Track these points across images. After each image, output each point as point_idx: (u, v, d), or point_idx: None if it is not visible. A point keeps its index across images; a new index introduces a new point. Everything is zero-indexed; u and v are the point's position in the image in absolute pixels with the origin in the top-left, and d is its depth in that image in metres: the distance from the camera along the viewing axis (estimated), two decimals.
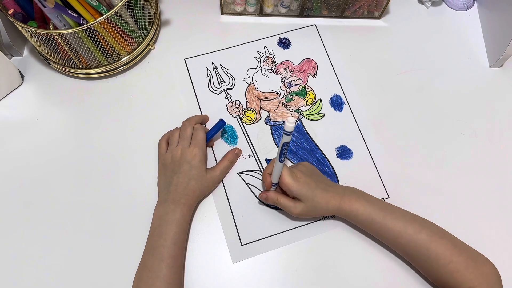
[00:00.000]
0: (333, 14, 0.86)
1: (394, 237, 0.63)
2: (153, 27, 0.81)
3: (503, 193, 0.73)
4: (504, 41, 0.78)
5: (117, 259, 0.65)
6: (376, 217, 0.63)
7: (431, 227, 0.63)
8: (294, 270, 0.67)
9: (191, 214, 0.67)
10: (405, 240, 0.62)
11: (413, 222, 0.63)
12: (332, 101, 0.79)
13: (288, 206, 0.66)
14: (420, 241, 0.61)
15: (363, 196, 0.66)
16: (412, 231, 0.62)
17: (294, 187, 0.63)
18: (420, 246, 0.61)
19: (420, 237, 0.61)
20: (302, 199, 0.64)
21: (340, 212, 0.66)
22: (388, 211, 0.64)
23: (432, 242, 0.61)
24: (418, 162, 0.75)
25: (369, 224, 0.65)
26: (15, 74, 0.78)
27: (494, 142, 0.77)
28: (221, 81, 0.80)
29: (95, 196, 0.72)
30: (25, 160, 0.74)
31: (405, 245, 0.63)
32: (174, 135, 0.71)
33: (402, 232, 0.62)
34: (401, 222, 0.63)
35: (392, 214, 0.63)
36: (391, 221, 0.63)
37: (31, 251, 0.68)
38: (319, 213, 0.67)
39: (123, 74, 0.81)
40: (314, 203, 0.64)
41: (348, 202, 0.65)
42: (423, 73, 0.83)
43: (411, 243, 0.62)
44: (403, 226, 0.62)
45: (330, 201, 0.65)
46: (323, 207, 0.65)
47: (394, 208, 0.65)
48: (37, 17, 0.74)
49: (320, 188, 0.65)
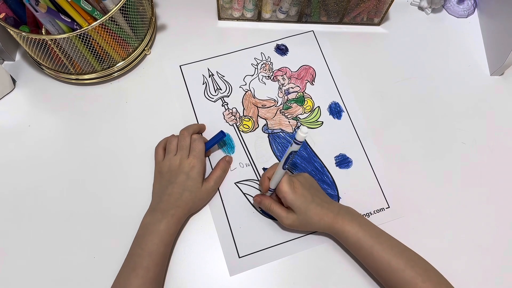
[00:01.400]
0: (332, 20, 0.85)
1: (377, 268, 0.62)
2: (149, 32, 0.80)
3: (504, 202, 0.73)
4: (505, 48, 0.78)
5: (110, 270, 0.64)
6: (364, 243, 0.62)
7: (416, 266, 0.60)
8: (292, 283, 0.66)
9: (179, 226, 0.65)
10: (387, 275, 0.61)
11: (399, 257, 0.61)
12: (330, 108, 0.78)
13: (280, 216, 0.65)
14: (401, 280, 0.60)
15: (357, 219, 0.64)
16: (395, 267, 0.60)
17: (289, 197, 0.62)
18: (399, 285, 0.60)
19: (401, 275, 0.59)
20: (296, 210, 0.63)
21: (331, 230, 0.65)
22: (377, 240, 0.62)
23: (411, 284, 0.59)
24: (418, 170, 0.74)
25: (356, 249, 0.63)
26: (6, 79, 0.76)
27: (494, 150, 0.76)
28: (218, 89, 0.79)
29: (87, 204, 0.70)
30: (17, 166, 0.73)
31: (387, 279, 0.62)
32: (171, 143, 0.70)
33: (386, 266, 0.61)
34: (387, 255, 0.61)
35: (381, 245, 0.62)
36: (378, 252, 0.61)
37: (22, 259, 0.67)
38: (311, 227, 0.66)
39: (117, 80, 0.80)
40: (307, 217, 0.63)
41: (341, 222, 0.63)
42: (423, 80, 0.82)
43: (393, 279, 0.60)
44: (388, 259, 0.60)
45: (323, 218, 0.64)
46: (315, 223, 0.64)
47: (385, 238, 0.63)
48: (30, 22, 0.73)
49: (316, 202, 0.64)
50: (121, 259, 0.62)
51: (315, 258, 0.67)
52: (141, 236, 0.63)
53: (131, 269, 0.60)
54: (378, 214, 0.70)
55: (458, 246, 0.69)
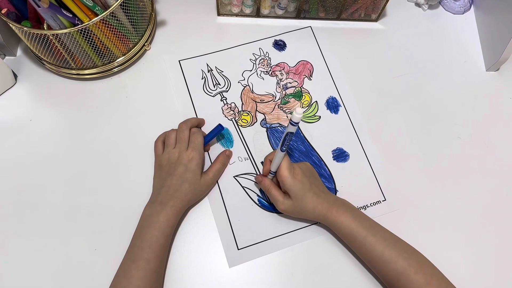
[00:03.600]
0: (330, 16, 0.86)
1: (370, 260, 0.63)
2: (149, 28, 0.80)
3: (499, 196, 0.73)
4: (501, 44, 0.79)
5: (111, 262, 0.64)
6: (357, 235, 0.63)
7: (409, 257, 0.61)
8: (290, 273, 0.67)
9: (178, 218, 0.66)
10: (380, 266, 0.62)
11: (392, 248, 0.61)
12: (328, 103, 0.79)
13: (277, 199, 0.66)
14: (392, 271, 0.60)
15: (351, 211, 0.65)
16: (388, 258, 0.61)
17: (288, 181, 0.63)
18: (391, 276, 0.61)
19: (394, 267, 0.60)
20: (292, 196, 0.64)
21: (325, 220, 0.65)
22: (371, 231, 0.63)
23: (404, 275, 0.59)
24: (415, 164, 0.75)
25: (350, 240, 0.64)
26: (8, 74, 0.77)
27: (490, 145, 0.77)
28: (216, 84, 0.80)
29: (88, 198, 0.71)
30: (18, 161, 0.73)
31: (380, 270, 0.62)
32: (170, 137, 0.71)
33: (378, 257, 0.61)
34: (380, 246, 0.61)
35: (374, 236, 0.62)
36: (371, 243, 0.62)
37: (24, 253, 0.67)
38: (305, 215, 0.66)
39: (118, 75, 0.80)
40: (302, 204, 0.64)
41: (335, 213, 0.64)
42: (419, 76, 0.83)
43: (385, 270, 0.61)
44: (381, 251, 0.61)
45: (318, 207, 0.64)
46: (309, 211, 0.65)
47: (378, 229, 0.64)
48: (31, 17, 0.73)
49: (313, 191, 0.64)
50: (122, 251, 0.63)
51: (313, 250, 0.68)
52: (141, 228, 0.63)
53: (131, 261, 0.60)
54: (374, 207, 0.71)
55: (453, 239, 0.70)
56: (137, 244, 0.62)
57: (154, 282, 0.61)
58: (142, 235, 0.62)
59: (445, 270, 0.61)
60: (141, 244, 0.61)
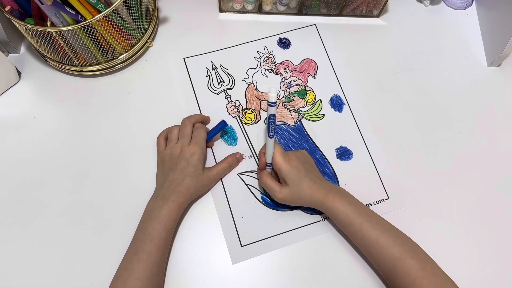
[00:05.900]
0: (332, 13, 0.86)
1: (366, 245, 0.63)
2: (151, 25, 0.80)
3: (502, 192, 0.74)
4: (502, 40, 0.79)
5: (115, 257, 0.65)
6: (353, 220, 0.63)
7: (404, 243, 0.61)
8: (292, 268, 0.67)
9: (180, 212, 0.66)
10: (376, 251, 0.62)
11: (387, 234, 0.62)
12: (332, 101, 0.79)
13: (273, 189, 0.66)
14: (389, 256, 0.61)
15: (347, 197, 0.65)
16: (384, 244, 0.61)
17: (283, 167, 0.64)
18: (388, 262, 0.61)
19: (390, 252, 0.61)
20: (289, 182, 0.64)
21: (322, 206, 0.66)
22: (367, 218, 0.63)
23: (400, 260, 0.60)
24: (418, 162, 0.75)
25: (346, 226, 0.65)
26: (12, 71, 0.77)
27: (492, 141, 0.77)
28: (221, 81, 0.80)
29: (92, 194, 0.71)
30: (22, 157, 0.74)
31: (376, 256, 0.63)
32: (173, 132, 0.71)
33: (374, 243, 0.62)
34: (376, 232, 0.62)
35: (370, 222, 0.63)
36: (367, 229, 0.62)
37: (28, 249, 0.68)
38: (302, 202, 0.66)
39: (120, 71, 0.80)
40: (299, 190, 0.64)
41: (332, 199, 0.64)
42: (421, 72, 0.83)
43: (381, 256, 0.62)
44: (377, 236, 0.62)
45: (315, 193, 0.65)
46: (307, 197, 0.65)
47: (374, 216, 0.64)
48: (35, 14, 0.73)
49: (309, 177, 0.65)
50: (125, 246, 0.63)
51: (316, 248, 0.69)
52: (143, 222, 0.64)
53: (133, 254, 0.61)
54: (378, 205, 0.72)
55: (457, 237, 0.70)
56: (139, 238, 0.63)
57: (155, 275, 0.61)
58: (144, 228, 0.63)
59: (450, 268, 0.60)
60: (143, 237, 0.62)
